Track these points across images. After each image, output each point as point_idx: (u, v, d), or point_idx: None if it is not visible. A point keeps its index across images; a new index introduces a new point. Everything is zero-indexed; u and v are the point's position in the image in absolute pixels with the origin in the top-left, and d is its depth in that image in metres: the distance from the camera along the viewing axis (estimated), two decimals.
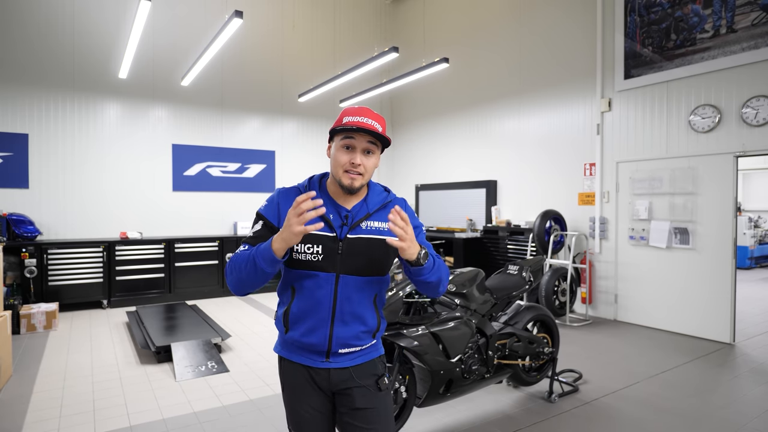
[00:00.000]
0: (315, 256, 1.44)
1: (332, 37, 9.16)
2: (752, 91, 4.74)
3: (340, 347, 1.49)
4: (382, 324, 1.58)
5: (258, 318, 6.13)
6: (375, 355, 1.59)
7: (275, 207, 1.50)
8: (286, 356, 1.56)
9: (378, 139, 1.46)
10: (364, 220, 1.49)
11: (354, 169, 1.44)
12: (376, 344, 1.60)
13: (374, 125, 1.45)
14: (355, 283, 1.47)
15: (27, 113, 6.60)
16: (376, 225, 1.51)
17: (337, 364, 1.50)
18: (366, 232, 1.49)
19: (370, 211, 1.51)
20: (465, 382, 2.89)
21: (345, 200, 1.52)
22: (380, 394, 1.55)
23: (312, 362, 1.51)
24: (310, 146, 9.09)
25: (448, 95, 8.53)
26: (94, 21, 7.00)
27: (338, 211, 1.49)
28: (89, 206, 7.02)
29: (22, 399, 3.51)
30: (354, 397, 1.51)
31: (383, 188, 1.62)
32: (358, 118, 1.45)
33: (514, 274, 3.50)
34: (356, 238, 1.47)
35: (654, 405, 3.45)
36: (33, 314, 5.35)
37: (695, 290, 5.23)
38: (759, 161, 11.14)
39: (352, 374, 1.51)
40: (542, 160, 6.86)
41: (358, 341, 1.51)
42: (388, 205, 1.55)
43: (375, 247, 1.49)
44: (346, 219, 1.48)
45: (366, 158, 1.46)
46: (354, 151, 1.45)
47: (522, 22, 7.11)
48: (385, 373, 1.59)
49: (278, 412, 3.33)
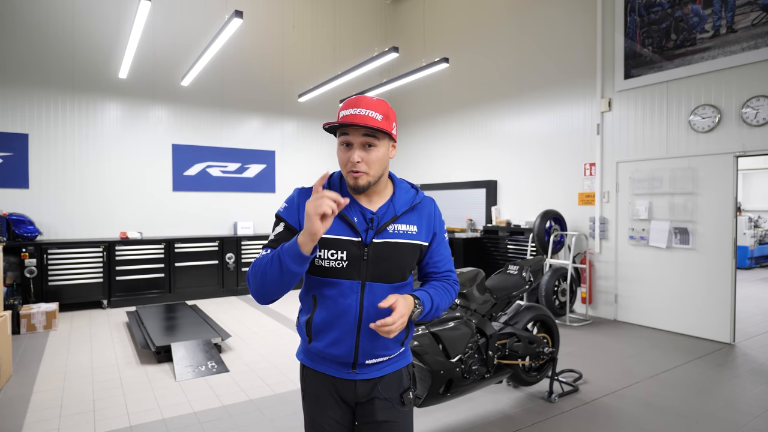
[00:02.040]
0: (339, 263, 1.34)
1: (332, 37, 9.16)
2: (752, 91, 4.74)
3: (367, 358, 1.40)
4: (411, 330, 1.50)
5: (258, 318, 6.13)
6: (403, 363, 1.50)
7: (295, 209, 1.39)
8: (310, 365, 1.47)
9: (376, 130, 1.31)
10: (390, 223, 1.38)
11: (354, 168, 1.31)
12: (404, 352, 1.51)
13: (369, 115, 1.30)
14: (381, 291, 1.37)
15: (27, 113, 6.60)
16: (404, 228, 1.40)
17: (363, 375, 1.42)
18: (393, 236, 1.38)
19: (397, 213, 1.40)
20: (465, 382, 2.89)
21: (369, 201, 1.40)
22: (403, 407, 1.48)
23: (337, 373, 1.42)
24: (310, 146, 9.09)
25: (448, 95, 8.53)
26: (94, 21, 7.00)
27: (363, 213, 1.38)
28: (89, 206, 7.02)
29: (22, 399, 3.51)
30: (376, 409, 1.43)
31: (411, 186, 1.51)
32: (350, 110, 1.31)
33: (514, 274, 3.50)
34: (383, 243, 1.36)
35: (654, 405, 3.45)
36: (33, 314, 5.35)
37: (695, 290, 5.23)
38: (759, 161, 11.14)
39: (377, 385, 1.44)
40: (542, 160, 6.86)
41: (385, 351, 1.42)
42: (417, 207, 1.45)
43: (402, 253, 1.39)
44: (372, 222, 1.37)
45: (367, 153, 1.32)
46: (352, 147, 1.32)
47: (522, 23, 7.11)
48: (411, 387, 1.52)
49: (278, 412, 3.33)
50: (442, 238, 1.50)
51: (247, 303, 7.09)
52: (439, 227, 1.49)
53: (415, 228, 1.42)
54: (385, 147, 1.36)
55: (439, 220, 1.50)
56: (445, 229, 1.53)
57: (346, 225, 1.35)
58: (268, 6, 8.48)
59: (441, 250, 1.50)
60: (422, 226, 1.44)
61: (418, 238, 1.42)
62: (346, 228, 1.35)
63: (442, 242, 1.50)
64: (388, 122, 1.34)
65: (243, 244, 7.73)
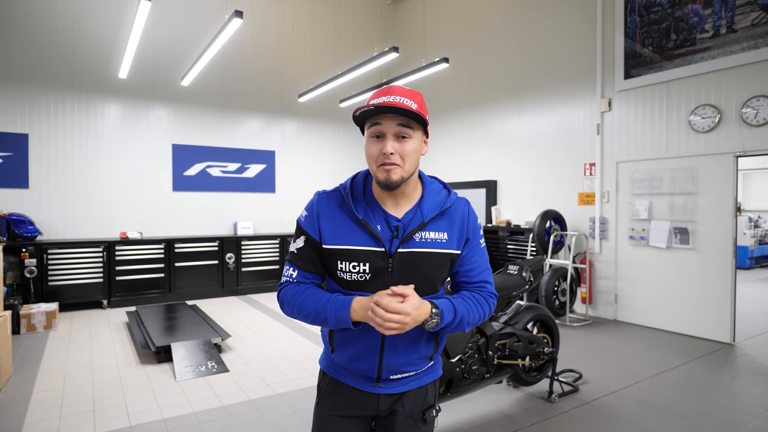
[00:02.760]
0: (361, 276, 1.25)
1: (332, 37, 9.16)
2: (752, 91, 4.74)
3: (392, 374, 1.31)
4: (440, 345, 1.39)
5: (258, 318, 6.13)
6: (430, 379, 1.41)
7: (315, 219, 1.30)
8: (332, 374, 1.39)
9: (413, 118, 1.20)
10: (417, 231, 1.26)
11: (387, 159, 1.20)
12: (433, 366, 1.41)
13: (403, 102, 1.19)
14: None
15: (27, 113, 6.60)
16: (433, 236, 1.28)
17: (387, 390, 1.34)
18: (420, 245, 1.26)
19: (425, 219, 1.27)
20: (465, 382, 2.89)
21: (395, 206, 1.29)
22: (425, 425, 1.39)
23: (360, 385, 1.34)
24: (310, 146, 9.09)
25: (448, 95, 8.53)
26: (94, 21, 7.00)
27: (387, 220, 1.27)
28: (89, 206, 7.02)
29: (22, 399, 3.51)
30: (396, 425, 1.36)
31: (442, 186, 1.38)
32: (383, 98, 1.20)
33: (514, 274, 3.50)
34: (409, 253, 1.25)
35: (654, 405, 3.45)
36: (33, 314, 5.35)
37: (695, 290, 5.22)
38: (759, 161, 11.14)
39: (401, 400, 1.36)
40: (542, 160, 6.86)
41: (411, 367, 1.33)
42: (447, 212, 1.31)
43: (431, 263, 1.27)
44: (397, 230, 1.25)
45: (400, 144, 1.21)
46: (384, 138, 1.21)
47: (522, 22, 7.11)
48: (435, 405, 1.41)
49: (278, 412, 3.33)
50: (476, 243, 1.35)
51: (247, 303, 7.09)
52: (473, 232, 1.34)
53: (446, 235, 1.29)
54: (419, 139, 1.25)
55: (474, 224, 1.35)
56: (480, 234, 1.38)
57: (368, 234, 1.25)
58: (268, 6, 8.48)
59: (474, 257, 1.35)
60: (453, 232, 1.31)
61: (448, 246, 1.29)
62: (368, 237, 1.25)
63: (477, 248, 1.36)
64: (423, 111, 1.24)
65: (243, 244, 7.73)
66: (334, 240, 1.27)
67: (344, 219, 1.28)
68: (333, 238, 1.27)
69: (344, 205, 1.29)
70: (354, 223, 1.27)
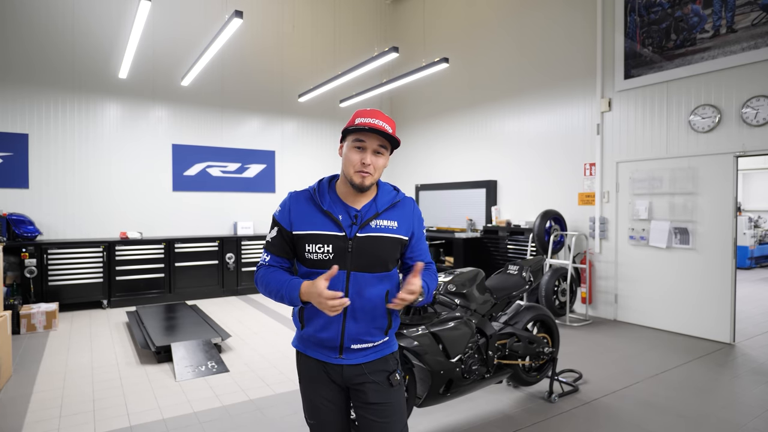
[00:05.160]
0: (326, 255, 1.52)
1: (332, 37, 9.16)
2: (752, 91, 4.74)
3: (353, 343, 1.56)
4: (394, 321, 1.64)
5: (258, 318, 6.13)
6: (388, 351, 1.65)
7: (287, 213, 1.59)
8: (303, 351, 1.65)
9: (388, 140, 1.53)
10: (373, 219, 1.56)
11: (364, 168, 1.51)
12: (388, 341, 1.66)
13: (385, 127, 1.52)
14: (365, 280, 1.54)
15: (27, 113, 6.60)
16: (386, 224, 1.58)
17: (349, 360, 1.58)
18: (375, 230, 1.56)
19: (379, 210, 1.58)
20: (465, 382, 2.89)
21: (354, 200, 1.59)
22: (392, 389, 1.62)
23: (326, 358, 1.59)
24: (310, 146, 9.09)
25: (448, 95, 8.53)
26: (94, 21, 7.00)
27: (348, 211, 1.57)
28: (89, 206, 7.02)
29: (22, 399, 3.51)
30: (367, 392, 1.59)
31: (393, 188, 1.69)
32: (369, 119, 1.52)
33: (514, 274, 3.50)
34: (366, 237, 1.54)
35: (654, 405, 3.45)
36: (33, 314, 5.35)
37: (695, 290, 5.22)
38: (759, 161, 11.13)
39: (364, 370, 1.59)
40: (542, 160, 6.86)
41: (369, 337, 1.58)
42: (397, 205, 1.63)
43: (384, 245, 1.57)
44: (356, 218, 1.55)
45: (376, 158, 1.53)
46: (365, 151, 1.52)
47: (522, 22, 7.11)
48: (397, 369, 1.66)
49: (278, 412, 3.33)
50: (420, 234, 1.69)
51: (247, 303, 7.10)
52: (417, 225, 1.67)
53: (396, 223, 1.60)
54: (387, 158, 1.59)
55: (418, 217, 1.69)
56: (423, 226, 1.73)
57: (331, 222, 1.54)
58: (268, 6, 8.48)
59: (420, 245, 1.70)
60: (402, 222, 1.62)
61: (398, 232, 1.59)
62: (331, 224, 1.54)
63: (421, 238, 1.70)
64: (396, 136, 1.57)
65: (243, 244, 7.73)
66: (303, 227, 1.55)
67: (312, 209, 1.57)
68: (302, 225, 1.56)
69: (312, 199, 1.59)
70: (320, 213, 1.56)
